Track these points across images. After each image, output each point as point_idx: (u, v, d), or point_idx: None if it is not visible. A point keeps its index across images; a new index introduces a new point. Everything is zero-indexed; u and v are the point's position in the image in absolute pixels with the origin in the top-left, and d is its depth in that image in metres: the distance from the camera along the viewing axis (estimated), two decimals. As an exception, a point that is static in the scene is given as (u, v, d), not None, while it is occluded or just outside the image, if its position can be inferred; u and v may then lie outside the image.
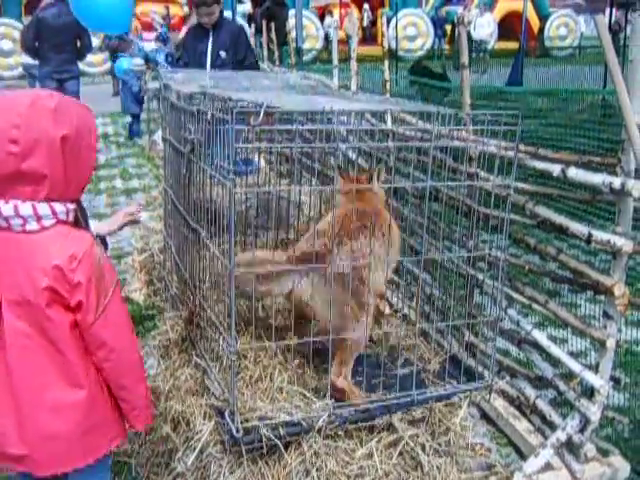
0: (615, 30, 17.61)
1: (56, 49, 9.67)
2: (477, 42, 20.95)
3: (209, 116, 2.75)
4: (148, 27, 17.63)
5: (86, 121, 2.15)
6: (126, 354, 2.25)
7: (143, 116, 11.03)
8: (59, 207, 2.08)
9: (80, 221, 2.22)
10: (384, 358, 3.03)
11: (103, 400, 2.24)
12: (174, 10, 22.27)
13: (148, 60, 16.51)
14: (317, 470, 2.54)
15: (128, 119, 11.59)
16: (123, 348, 2.23)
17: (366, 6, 26.39)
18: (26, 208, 2.03)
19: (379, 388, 2.81)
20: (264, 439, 2.49)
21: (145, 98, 10.62)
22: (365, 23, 25.76)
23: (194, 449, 2.68)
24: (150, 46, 16.58)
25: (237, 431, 2.46)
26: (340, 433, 2.65)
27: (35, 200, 2.03)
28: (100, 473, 2.37)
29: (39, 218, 2.05)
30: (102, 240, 2.83)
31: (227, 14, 18.38)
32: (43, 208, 2.05)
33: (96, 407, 2.20)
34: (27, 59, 13.24)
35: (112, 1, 6.57)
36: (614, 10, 17.47)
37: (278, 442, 2.51)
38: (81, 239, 2.11)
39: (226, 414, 2.53)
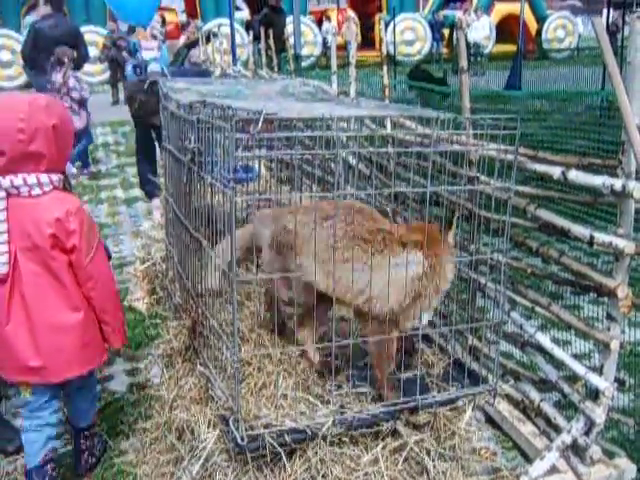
0: (612, 31, 17.65)
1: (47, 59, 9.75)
2: (472, 45, 20.96)
3: (208, 125, 2.75)
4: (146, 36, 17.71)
5: (65, 113, 2.99)
6: (107, 285, 3.02)
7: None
8: (54, 177, 2.86)
9: (67, 187, 3.00)
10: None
11: (94, 324, 2.99)
12: (169, 17, 22.36)
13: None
14: (323, 477, 2.53)
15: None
16: (105, 281, 3.00)
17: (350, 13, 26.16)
18: (32, 178, 2.79)
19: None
20: (269, 446, 2.49)
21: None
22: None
23: (199, 458, 2.67)
24: (150, 54, 16.62)
25: (242, 439, 2.46)
26: (345, 439, 2.64)
27: (38, 172, 2.80)
28: (91, 381, 3.23)
29: (41, 185, 2.81)
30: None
31: (225, 21, 18.46)
32: (44, 178, 2.81)
33: (89, 327, 2.95)
34: None
35: None
36: (611, 11, 17.49)
37: (281, 450, 2.51)
38: (72, 199, 2.92)
39: (230, 422, 2.53)
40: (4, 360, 2.89)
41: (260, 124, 2.31)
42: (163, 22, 17.15)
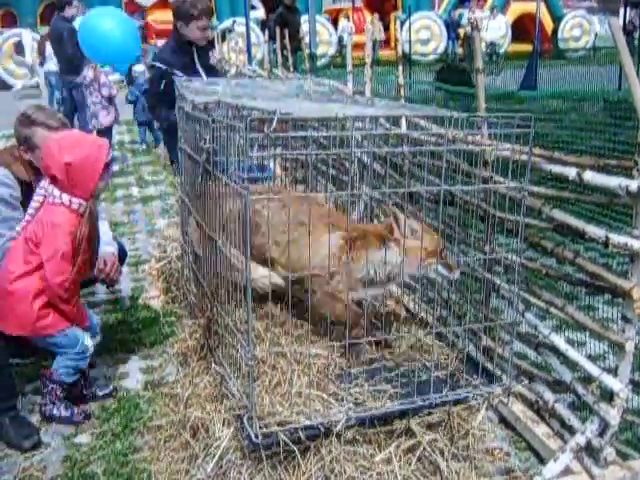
0: (629, 30, 17.56)
1: (59, 58, 9.97)
2: (488, 44, 20.89)
3: (223, 125, 2.76)
4: (158, 34, 17.75)
5: (91, 154, 3.57)
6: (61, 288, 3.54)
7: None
8: (65, 196, 3.52)
9: (83, 214, 3.56)
10: (401, 362, 3.03)
11: (51, 305, 3.55)
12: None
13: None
14: (336, 476, 2.54)
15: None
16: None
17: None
18: (55, 191, 3.53)
19: (397, 392, 2.81)
20: (282, 444, 2.50)
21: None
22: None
23: (214, 456, 2.69)
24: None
25: (256, 436, 2.47)
26: (358, 438, 2.65)
27: (57, 189, 3.53)
28: (57, 340, 3.62)
29: (53, 197, 3.52)
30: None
31: (241, 20, 18.51)
32: (55, 191, 3.53)
33: (44, 306, 3.53)
34: (48, 67, 13.57)
35: (121, 39, 6.75)
36: (628, 10, 17.40)
37: (295, 448, 2.52)
38: (62, 220, 3.50)
39: (245, 420, 2.55)
40: None
41: (275, 124, 2.31)
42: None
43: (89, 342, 3.72)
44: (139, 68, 10.93)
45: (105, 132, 9.49)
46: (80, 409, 3.72)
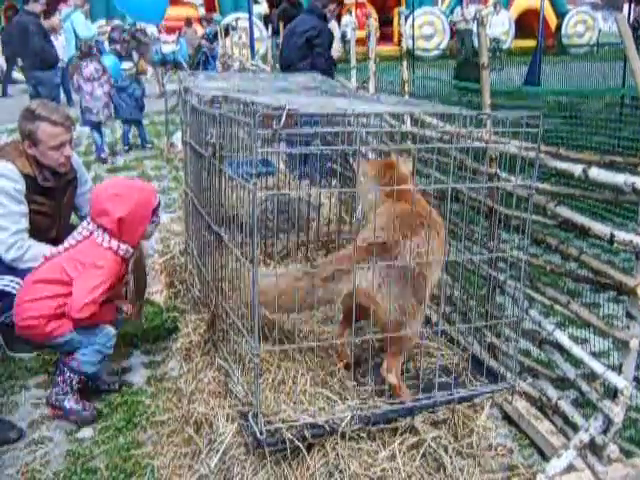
0: (634, 27, 17.52)
1: (22, 54, 9.90)
2: (491, 40, 20.81)
3: (231, 119, 2.76)
4: (167, 29, 17.75)
5: (141, 202, 3.65)
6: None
7: (157, 119, 10.97)
8: (114, 242, 3.59)
9: (128, 260, 3.71)
10: (406, 360, 3.03)
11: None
12: (187, 12, 22.33)
13: (166, 62, 16.59)
14: (340, 472, 2.54)
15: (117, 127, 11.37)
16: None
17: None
18: (97, 231, 3.60)
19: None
20: (287, 441, 2.50)
21: (164, 100, 10.60)
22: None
23: (217, 451, 2.69)
24: (169, 48, 16.55)
25: (260, 433, 2.47)
26: (363, 435, 2.65)
27: (104, 231, 3.60)
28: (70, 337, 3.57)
29: (101, 239, 3.60)
30: None
31: (244, 15, 18.48)
32: (106, 236, 3.59)
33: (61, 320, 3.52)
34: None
35: None
36: (633, 6, 17.36)
37: (300, 445, 2.52)
38: (100, 263, 3.55)
39: (249, 416, 2.54)
40: None
41: (283, 119, 2.30)
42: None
43: (110, 328, 3.68)
44: (126, 65, 10.90)
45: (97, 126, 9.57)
46: (89, 404, 3.68)
